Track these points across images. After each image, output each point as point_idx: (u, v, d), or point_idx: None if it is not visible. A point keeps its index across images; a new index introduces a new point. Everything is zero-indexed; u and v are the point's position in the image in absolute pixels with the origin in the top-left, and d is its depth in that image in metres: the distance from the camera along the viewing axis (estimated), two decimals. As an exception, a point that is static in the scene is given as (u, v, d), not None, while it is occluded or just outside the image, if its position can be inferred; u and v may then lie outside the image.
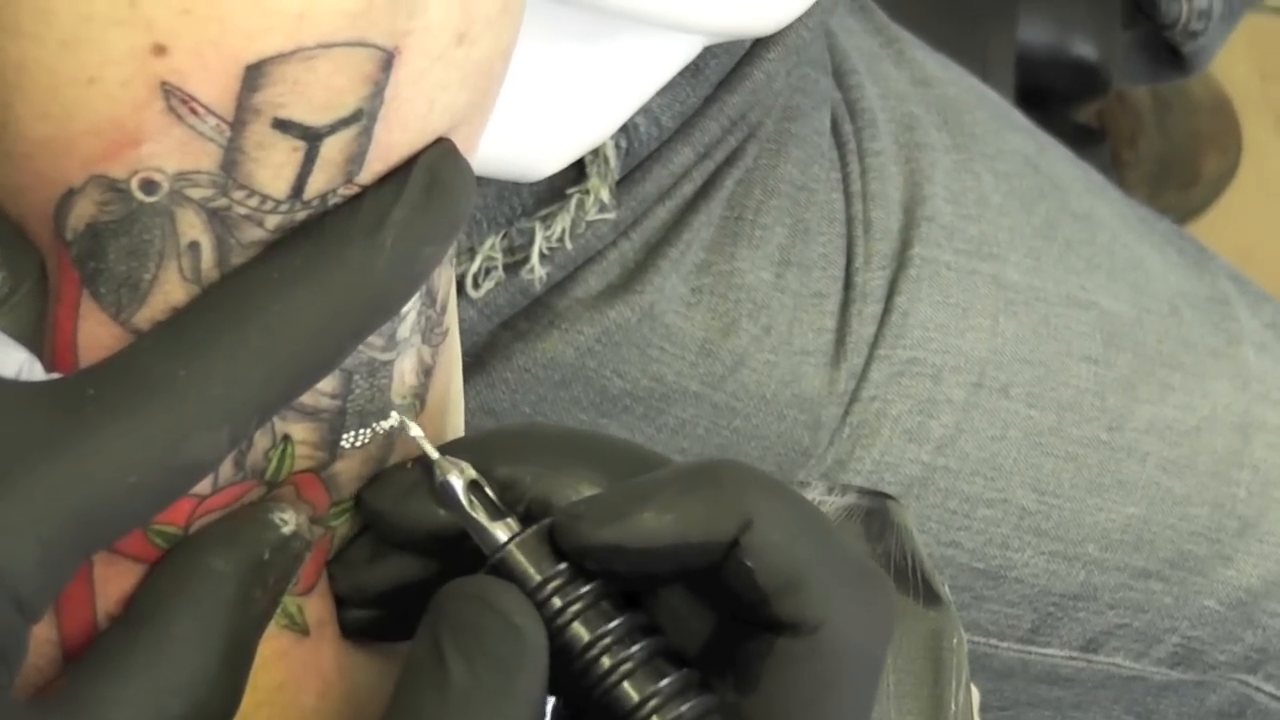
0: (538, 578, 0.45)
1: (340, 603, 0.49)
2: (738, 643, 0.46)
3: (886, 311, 0.86)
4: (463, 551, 0.46)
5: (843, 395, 0.85)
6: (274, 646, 0.47)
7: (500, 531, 0.46)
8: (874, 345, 0.86)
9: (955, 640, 0.60)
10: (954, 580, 0.88)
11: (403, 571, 0.48)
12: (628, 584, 0.46)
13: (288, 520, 0.45)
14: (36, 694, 0.44)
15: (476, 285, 0.78)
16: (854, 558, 0.46)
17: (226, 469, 0.45)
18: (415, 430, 0.47)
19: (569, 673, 0.45)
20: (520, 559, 0.45)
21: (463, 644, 0.43)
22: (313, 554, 0.47)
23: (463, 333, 0.78)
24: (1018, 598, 0.90)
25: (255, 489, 0.46)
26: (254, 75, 0.41)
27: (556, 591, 0.45)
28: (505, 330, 0.80)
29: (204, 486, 0.45)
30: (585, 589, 0.45)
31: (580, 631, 0.45)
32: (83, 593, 0.45)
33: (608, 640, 0.45)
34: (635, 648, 0.45)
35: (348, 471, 0.47)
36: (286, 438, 0.46)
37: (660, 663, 0.45)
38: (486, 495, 0.46)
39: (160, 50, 0.40)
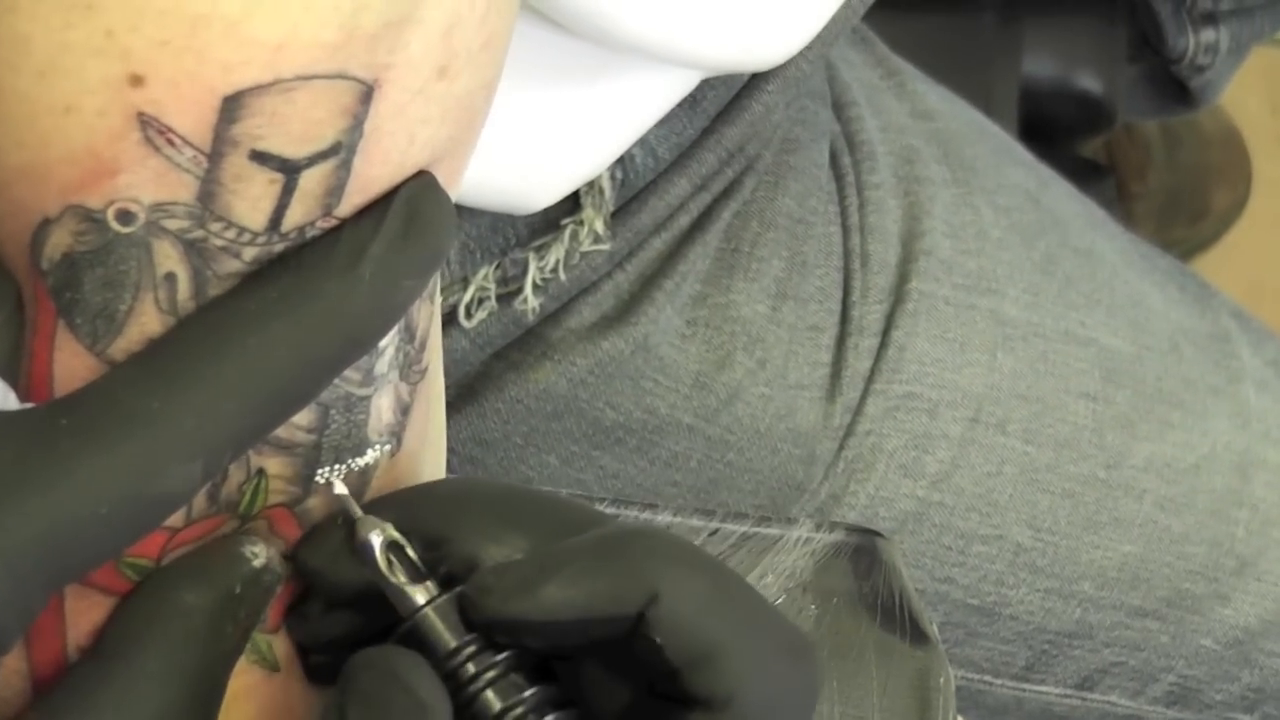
0: (451, 644, 0.45)
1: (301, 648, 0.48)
2: (654, 715, 0.45)
3: (883, 346, 0.86)
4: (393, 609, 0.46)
5: (838, 429, 0.84)
6: (244, 682, 0.47)
7: (418, 595, 0.45)
8: (870, 380, 0.85)
9: (942, 679, 0.59)
10: (948, 617, 0.88)
11: (348, 625, 0.47)
12: (541, 654, 0.46)
13: (259, 554, 0.45)
14: (6, 726, 0.44)
15: (469, 315, 0.77)
16: (773, 628, 0.45)
17: (200, 502, 0.45)
18: (340, 488, 0.47)
19: None
20: (436, 624, 0.45)
21: (368, 718, 0.43)
22: (283, 589, 0.47)
23: (455, 363, 0.78)
24: (1012, 635, 0.89)
25: (228, 522, 0.45)
26: (232, 106, 0.41)
27: (470, 659, 0.45)
28: (498, 360, 0.79)
29: (177, 519, 0.44)
30: (499, 658, 0.45)
31: (491, 701, 0.44)
32: (53, 625, 0.44)
33: (519, 710, 0.44)
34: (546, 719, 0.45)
35: (321, 507, 0.47)
36: (261, 471, 0.45)
37: None
38: (407, 556, 0.46)
39: (137, 80, 0.40)
